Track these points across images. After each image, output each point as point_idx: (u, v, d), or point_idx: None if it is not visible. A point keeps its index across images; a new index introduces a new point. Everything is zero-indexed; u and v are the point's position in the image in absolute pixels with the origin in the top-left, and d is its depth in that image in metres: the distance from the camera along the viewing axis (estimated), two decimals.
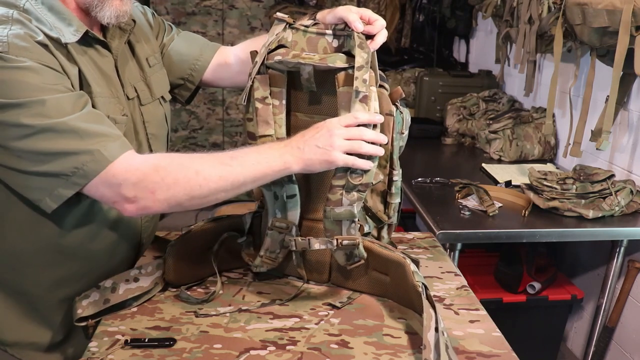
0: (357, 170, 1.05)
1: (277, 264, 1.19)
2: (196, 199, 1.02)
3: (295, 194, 1.13)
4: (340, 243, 1.10)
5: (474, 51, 3.58)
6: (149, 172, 1.00)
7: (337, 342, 1.04)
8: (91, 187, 1.00)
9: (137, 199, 0.99)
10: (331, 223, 1.10)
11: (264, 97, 1.10)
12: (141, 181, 0.99)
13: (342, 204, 1.07)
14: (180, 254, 1.18)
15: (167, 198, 1.00)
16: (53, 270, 1.14)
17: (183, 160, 1.03)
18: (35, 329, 1.16)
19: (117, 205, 1.02)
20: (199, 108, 3.99)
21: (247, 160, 1.02)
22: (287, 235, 1.15)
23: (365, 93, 1.04)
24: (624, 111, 2.14)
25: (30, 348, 1.16)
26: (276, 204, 1.14)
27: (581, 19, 1.89)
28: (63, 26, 1.06)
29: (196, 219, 3.98)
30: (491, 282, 2.27)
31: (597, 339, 2.22)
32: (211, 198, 1.02)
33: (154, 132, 1.28)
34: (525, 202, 2.00)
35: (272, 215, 1.16)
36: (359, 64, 1.03)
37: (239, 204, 3.16)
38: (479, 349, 1.04)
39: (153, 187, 0.99)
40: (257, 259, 1.19)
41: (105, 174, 0.98)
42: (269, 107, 1.11)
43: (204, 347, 1.01)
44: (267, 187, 1.12)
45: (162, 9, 3.87)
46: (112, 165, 0.98)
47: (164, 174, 1.00)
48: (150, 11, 1.38)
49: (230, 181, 1.02)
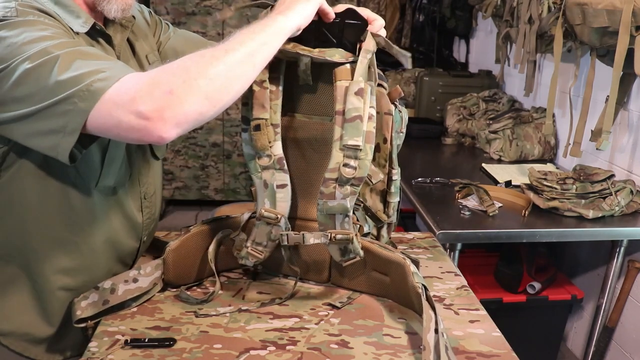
0: (349, 164, 1.05)
1: (264, 258, 1.17)
2: (214, 81, 0.90)
3: (286, 184, 1.12)
4: (333, 237, 1.10)
5: (474, 51, 3.58)
6: (158, 73, 0.89)
7: (337, 342, 1.04)
8: (102, 112, 0.88)
9: (158, 110, 0.86)
10: (324, 217, 1.10)
11: (262, 81, 1.10)
12: (154, 84, 0.87)
13: (335, 198, 1.07)
14: (179, 254, 1.18)
15: (188, 93, 0.87)
16: (56, 259, 1.13)
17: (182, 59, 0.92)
18: (32, 320, 1.15)
19: (141, 132, 0.87)
20: None
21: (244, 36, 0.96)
22: (274, 226, 1.13)
23: (361, 86, 1.04)
24: (624, 111, 2.14)
25: (24, 339, 1.15)
26: (265, 193, 1.13)
27: (581, 19, 1.89)
28: (72, 19, 1.07)
29: (196, 219, 3.98)
30: (491, 282, 2.27)
31: (597, 339, 2.22)
32: (231, 75, 0.92)
33: None
34: (525, 202, 2.00)
35: (260, 205, 1.14)
36: (367, 50, 1.06)
37: (239, 204, 3.16)
38: (479, 349, 1.04)
39: (168, 86, 0.87)
40: (243, 250, 1.17)
41: (112, 91, 0.87)
42: (266, 90, 1.10)
43: (204, 347, 1.01)
44: (257, 175, 1.12)
45: (162, 9, 3.86)
46: (118, 82, 0.88)
47: (172, 69, 0.90)
48: (147, 9, 1.38)
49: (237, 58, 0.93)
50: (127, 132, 0.88)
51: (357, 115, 1.04)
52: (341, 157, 1.06)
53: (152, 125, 0.86)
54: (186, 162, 4.08)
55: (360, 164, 1.06)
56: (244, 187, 4.14)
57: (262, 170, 1.12)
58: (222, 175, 4.14)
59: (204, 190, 4.14)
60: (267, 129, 1.11)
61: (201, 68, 0.89)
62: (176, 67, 0.90)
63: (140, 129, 0.87)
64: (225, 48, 0.93)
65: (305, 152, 1.18)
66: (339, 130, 1.06)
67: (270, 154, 1.11)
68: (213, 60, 0.90)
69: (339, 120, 1.06)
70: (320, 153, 1.16)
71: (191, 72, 0.88)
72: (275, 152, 1.12)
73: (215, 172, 4.12)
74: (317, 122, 1.16)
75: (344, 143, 1.05)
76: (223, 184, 4.15)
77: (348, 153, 1.05)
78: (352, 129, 1.05)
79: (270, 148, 1.11)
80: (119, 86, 0.88)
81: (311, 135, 1.16)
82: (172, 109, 0.86)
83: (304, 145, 1.17)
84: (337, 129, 1.06)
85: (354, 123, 1.05)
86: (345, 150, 1.05)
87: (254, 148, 1.12)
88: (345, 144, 1.05)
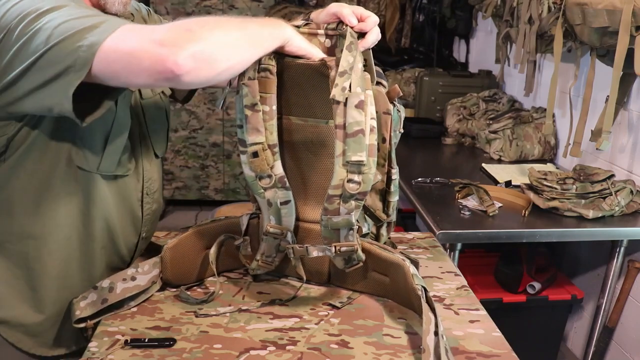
0: (353, 179, 1.04)
1: (274, 267, 1.19)
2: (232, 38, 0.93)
3: (290, 200, 1.12)
4: (338, 250, 1.10)
5: (474, 51, 3.58)
6: (177, 23, 0.91)
7: (337, 342, 1.04)
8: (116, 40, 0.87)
9: (178, 44, 0.86)
10: (329, 232, 1.09)
11: (253, 104, 1.07)
12: (174, 26, 0.90)
13: (340, 213, 1.06)
14: (177, 253, 1.18)
15: (208, 36, 0.89)
16: (55, 245, 1.13)
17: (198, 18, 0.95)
18: (26, 310, 1.14)
19: (156, 59, 0.85)
20: (199, 108, 3.99)
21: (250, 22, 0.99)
22: (282, 241, 1.14)
23: (361, 98, 1.01)
24: (624, 111, 2.14)
25: (18, 330, 1.15)
26: (270, 210, 1.13)
27: (581, 19, 1.89)
28: None
29: (196, 219, 3.98)
30: (491, 282, 2.27)
31: (597, 339, 2.22)
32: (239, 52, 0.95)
33: (155, 128, 1.28)
34: (525, 202, 2.00)
35: (266, 221, 1.15)
36: (342, 69, 1.01)
37: (238, 204, 3.16)
38: (479, 349, 1.04)
39: (188, 26, 0.89)
40: (254, 262, 1.19)
41: (128, 25, 0.89)
42: (258, 114, 1.07)
43: (204, 347, 1.01)
44: (260, 195, 1.12)
45: (162, 9, 3.86)
46: (131, 24, 0.90)
47: (188, 20, 0.91)
48: (145, 8, 1.38)
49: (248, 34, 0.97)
50: (140, 61, 0.86)
51: (359, 130, 1.02)
52: (344, 173, 1.04)
53: (168, 50, 0.85)
54: (186, 162, 4.09)
55: (364, 179, 1.04)
56: (244, 187, 4.14)
57: (265, 190, 1.11)
58: (222, 175, 4.14)
59: (204, 190, 4.14)
60: (264, 153, 1.08)
61: (218, 24, 0.92)
62: (195, 19, 0.91)
63: (154, 54, 0.85)
64: (236, 24, 0.94)
65: (300, 155, 1.17)
66: (341, 146, 1.03)
67: (271, 174, 1.10)
68: (227, 24, 0.93)
69: (340, 135, 1.03)
70: (316, 155, 1.15)
71: (209, 23, 0.91)
72: (277, 172, 1.10)
73: (215, 172, 4.13)
74: (312, 125, 1.14)
75: (347, 159, 1.02)
76: (223, 184, 4.15)
77: (352, 169, 1.03)
78: (355, 144, 1.02)
79: (270, 169, 1.09)
80: (131, 26, 0.89)
81: (307, 138, 1.15)
82: (189, 40, 0.86)
83: (300, 148, 1.16)
84: (339, 144, 1.04)
85: (357, 138, 1.02)
86: (348, 166, 1.03)
87: (253, 171, 1.10)
88: (348, 160, 1.02)
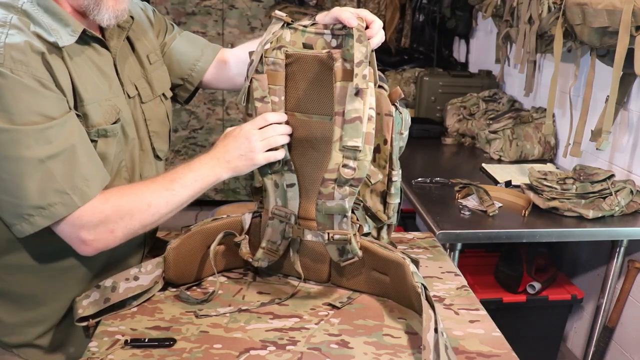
0: (348, 165, 1.06)
1: (278, 256, 1.21)
2: (148, 226, 1.11)
3: (295, 183, 1.18)
4: (331, 237, 1.11)
5: (474, 51, 3.58)
6: (110, 214, 1.06)
7: (337, 342, 1.04)
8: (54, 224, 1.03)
9: (94, 241, 1.05)
10: (323, 216, 1.11)
11: (262, 97, 1.15)
12: (102, 223, 1.05)
13: (334, 198, 1.08)
14: (180, 253, 1.18)
15: (124, 234, 1.08)
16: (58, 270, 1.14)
17: (135, 192, 1.10)
18: (37, 331, 1.16)
19: (72, 245, 1.07)
20: (199, 108, 3.99)
21: (186, 181, 1.12)
22: (287, 224, 1.18)
23: (361, 87, 1.04)
24: (624, 111, 2.14)
25: (33, 349, 1.17)
26: (277, 192, 1.19)
27: (581, 19, 1.89)
28: (60, 27, 1.05)
29: (196, 219, 3.99)
30: (491, 282, 2.27)
31: (597, 339, 2.22)
32: (160, 221, 1.13)
33: (156, 130, 1.28)
34: (525, 202, 2.00)
35: (272, 204, 1.19)
36: (358, 59, 1.04)
37: (239, 204, 3.16)
38: (479, 349, 1.04)
39: (113, 227, 1.06)
40: (259, 251, 1.21)
41: (72, 216, 1.03)
42: (268, 105, 1.15)
43: (204, 347, 1.01)
44: (267, 176, 1.18)
45: (162, 9, 3.86)
46: (78, 211, 1.03)
47: (122, 213, 1.07)
48: (150, 8, 1.37)
49: (176, 203, 1.12)
50: (64, 238, 1.06)
51: (356, 117, 1.05)
52: (340, 157, 1.06)
53: (85, 248, 1.06)
54: None
55: (359, 165, 1.06)
56: (244, 187, 4.14)
57: (272, 173, 1.18)
58: None
59: None
60: None
61: (142, 219, 1.09)
62: (125, 211, 1.07)
63: (75, 245, 1.06)
64: (167, 200, 1.10)
65: (305, 151, 1.18)
66: (339, 131, 1.07)
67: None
68: (154, 213, 1.10)
69: (339, 121, 1.07)
70: (320, 152, 1.16)
71: (135, 220, 1.08)
72: (284, 156, 1.17)
73: None
74: (317, 122, 1.16)
75: (343, 144, 1.06)
76: (223, 184, 4.15)
77: (347, 154, 1.06)
78: (352, 130, 1.05)
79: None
80: (77, 214, 1.03)
81: (311, 135, 1.16)
82: (106, 243, 1.07)
83: (305, 144, 1.18)
84: (337, 129, 1.07)
85: (354, 124, 1.05)
86: (344, 151, 1.06)
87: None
88: (344, 144, 1.06)
